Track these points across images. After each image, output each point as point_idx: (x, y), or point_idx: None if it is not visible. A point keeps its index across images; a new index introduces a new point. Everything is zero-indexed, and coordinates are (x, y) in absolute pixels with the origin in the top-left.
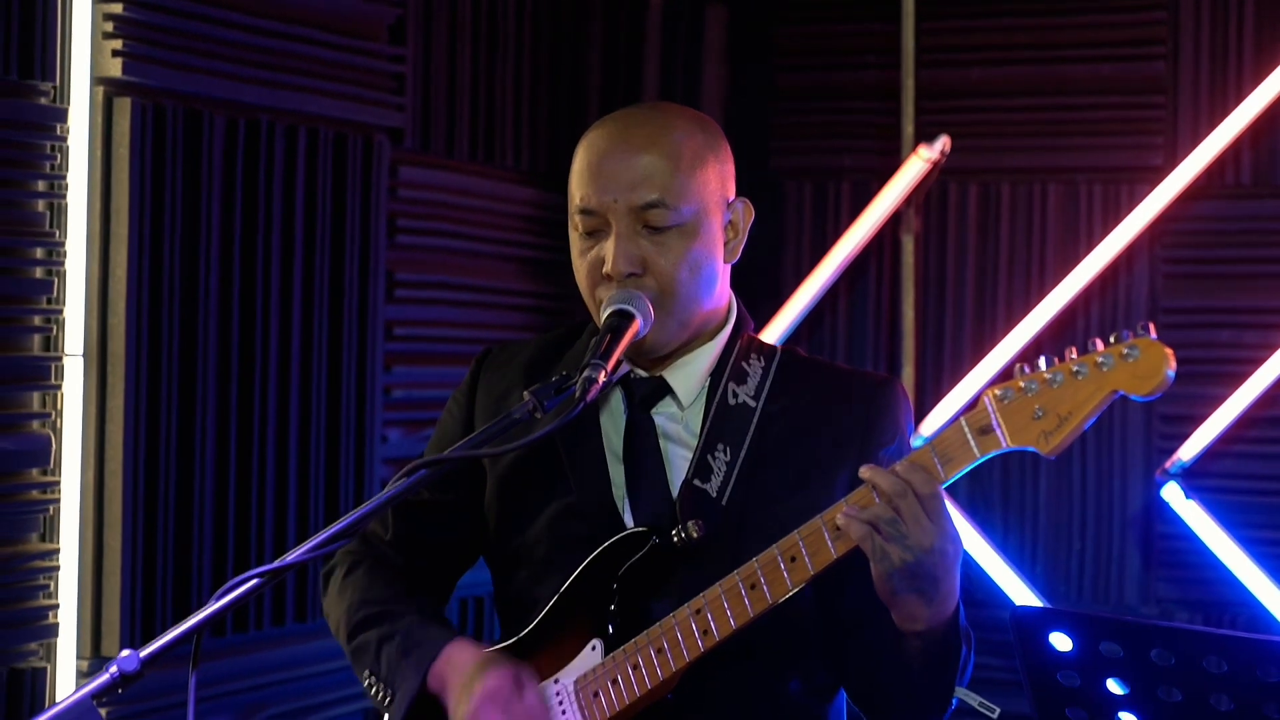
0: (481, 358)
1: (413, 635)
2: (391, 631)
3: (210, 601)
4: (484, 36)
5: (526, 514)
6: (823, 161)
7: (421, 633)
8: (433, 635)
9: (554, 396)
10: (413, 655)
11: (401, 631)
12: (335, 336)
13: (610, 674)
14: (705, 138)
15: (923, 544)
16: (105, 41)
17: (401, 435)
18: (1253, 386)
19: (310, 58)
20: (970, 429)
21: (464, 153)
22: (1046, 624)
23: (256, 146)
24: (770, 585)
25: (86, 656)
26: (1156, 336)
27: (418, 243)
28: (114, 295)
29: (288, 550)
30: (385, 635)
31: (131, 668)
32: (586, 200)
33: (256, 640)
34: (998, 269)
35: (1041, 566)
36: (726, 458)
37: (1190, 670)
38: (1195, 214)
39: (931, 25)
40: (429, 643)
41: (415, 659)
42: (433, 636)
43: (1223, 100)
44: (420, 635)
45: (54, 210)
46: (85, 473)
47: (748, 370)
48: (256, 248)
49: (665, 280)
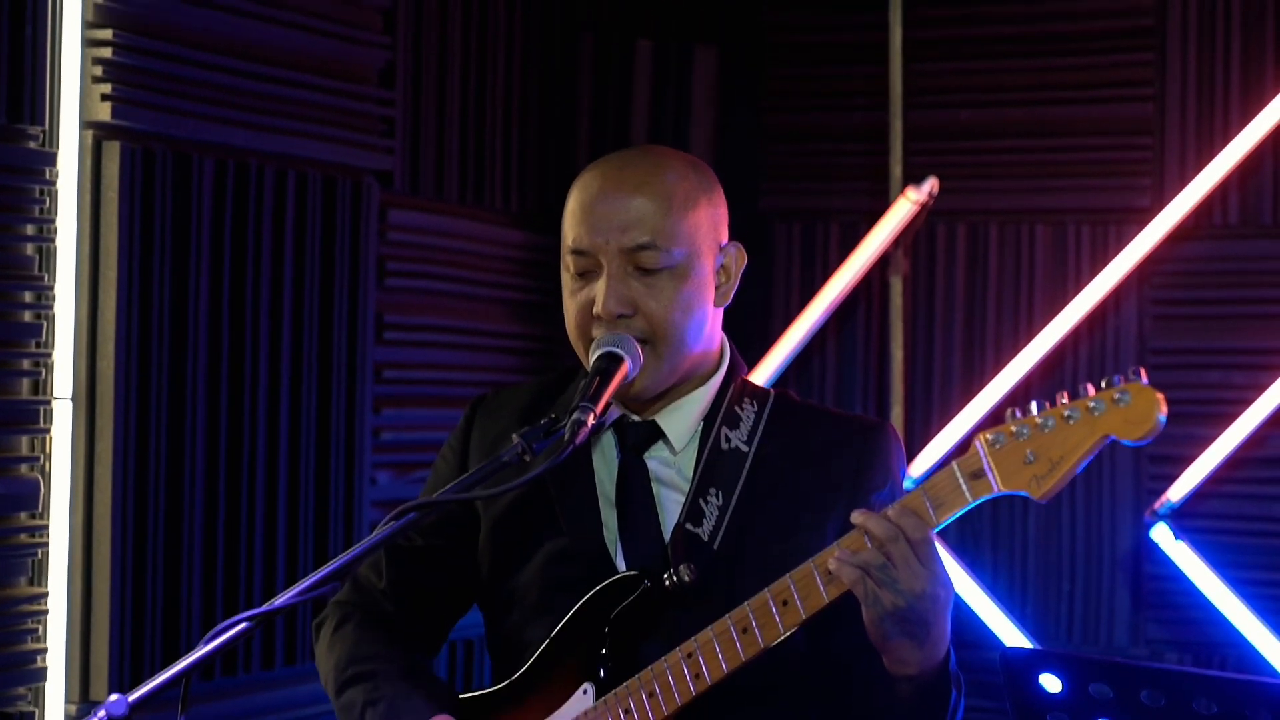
0: (476, 403)
1: (395, 704)
2: (376, 696)
3: (199, 645)
4: (473, 79)
5: (519, 557)
6: (811, 203)
7: (404, 703)
8: (415, 706)
9: (543, 439)
10: None
11: (386, 699)
12: (324, 379)
13: (601, 718)
14: (698, 180)
15: (914, 589)
16: (94, 85)
17: (391, 478)
18: (1241, 427)
19: (299, 101)
20: (962, 473)
21: (453, 195)
22: (1036, 665)
23: (246, 190)
24: (762, 629)
25: (75, 701)
26: (1148, 381)
27: (407, 285)
28: (103, 338)
29: (277, 594)
30: (370, 699)
31: (120, 712)
32: (579, 241)
33: (246, 684)
34: (986, 310)
35: (1031, 608)
36: (719, 502)
37: (1180, 711)
38: (1183, 255)
39: (919, 67)
40: (409, 715)
41: None
42: (415, 708)
43: (1209, 141)
44: (402, 705)
45: (43, 254)
46: (74, 516)
47: (740, 414)
48: (246, 291)
49: (655, 322)
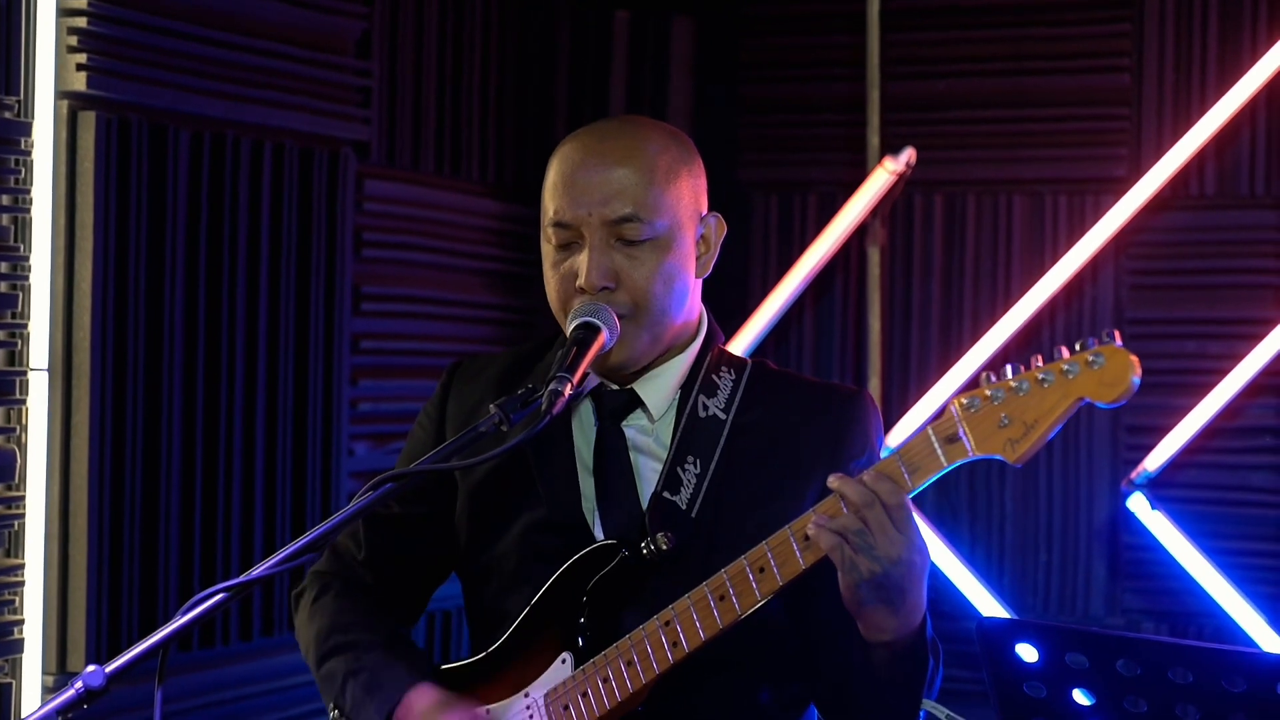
0: (452, 370)
1: (377, 674)
2: (357, 666)
3: (176, 616)
4: (450, 50)
5: (497, 527)
6: (789, 174)
7: (386, 672)
8: (396, 675)
9: (520, 409)
10: (375, 697)
11: (368, 668)
12: (301, 350)
13: (580, 687)
14: (679, 152)
15: (890, 555)
16: (70, 55)
17: (368, 449)
18: (1217, 397)
19: (276, 71)
20: (937, 438)
21: (430, 166)
22: (1013, 635)
23: (222, 160)
24: (739, 596)
25: (52, 672)
26: (1122, 344)
27: (384, 256)
28: (79, 309)
29: (254, 564)
30: (351, 669)
31: (97, 683)
32: (560, 213)
33: (223, 655)
34: (963, 280)
35: (1008, 578)
36: (696, 470)
37: (1156, 681)
38: (1160, 225)
39: (897, 38)
40: (391, 685)
41: (378, 702)
42: (396, 677)
43: (1186, 112)
44: (384, 675)
45: (18, 224)
46: (50, 487)
47: (718, 383)
48: (222, 262)
49: (638, 293)
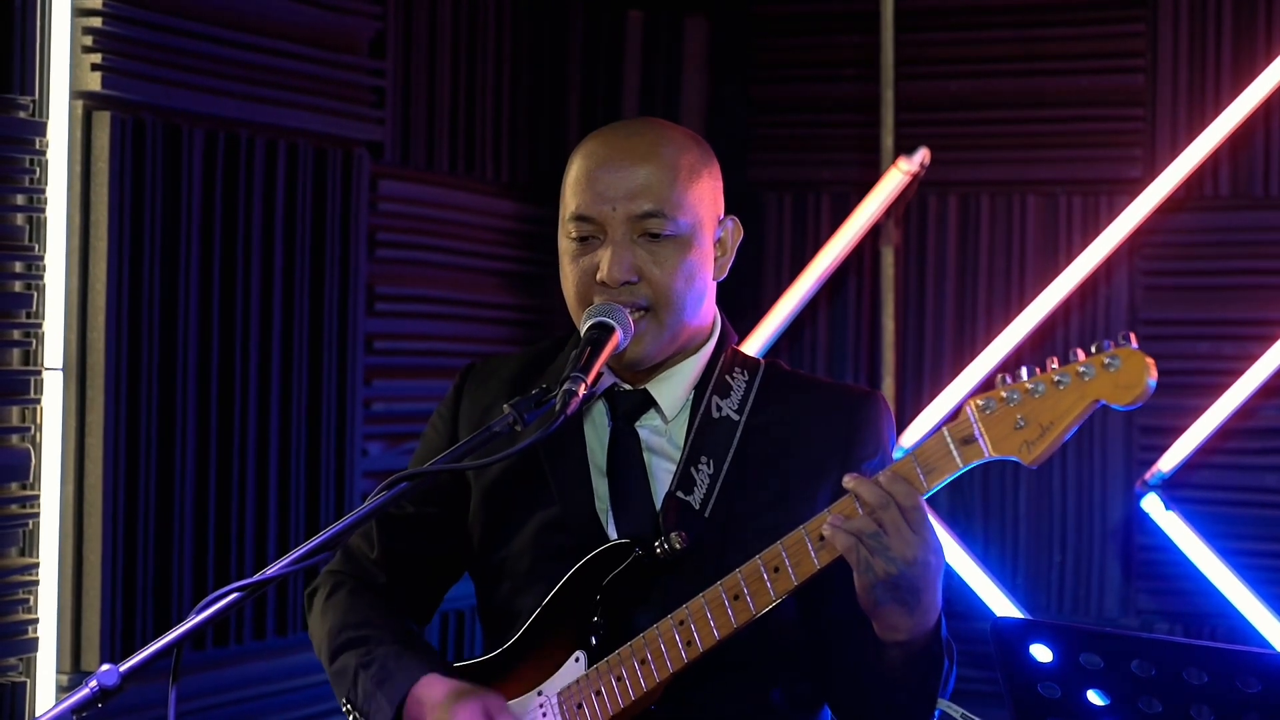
0: (466, 371)
1: (388, 666)
2: (369, 659)
3: (190, 615)
4: (464, 50)
5: (510, 527)
6: (802, 174)
7: (396, 664)
8: (407, 667)
9: (534, 409)
10: (386, 688)
11: (379, 660)
12: (315, 350)
13: (594, 685)
14: (700, 154)
15: (905, 555)
16: (84, 55)
17: (382, 449)
18: (1232, 398)
19: (290, 72)
20: (953, 439)
21: (444, 166)
22: (1027, 635)
23: (236, 160)
24: (753, 596)
25: (66, 671)
26: (1138, 346)
27: (398, 256)
28: (93, 309)
29: (268, 564)
30: (363, 662)
31: (111, 682)
32: (583, 208)
33: (237, 654)
34: (977, 281)
35: (1022, 578)
36: (710, 470)
37: (1171, 681)
38: (1174, 226)
39: (910, 38)
40: (402, 676)
41: (388, 692)
42: (407, 669)
43: (1201, 112)
44: (395, 666)
45: (33, 224)
46: (65, 486)
47: (731, 384)
48: (236, 262)
49: (659, 289)
